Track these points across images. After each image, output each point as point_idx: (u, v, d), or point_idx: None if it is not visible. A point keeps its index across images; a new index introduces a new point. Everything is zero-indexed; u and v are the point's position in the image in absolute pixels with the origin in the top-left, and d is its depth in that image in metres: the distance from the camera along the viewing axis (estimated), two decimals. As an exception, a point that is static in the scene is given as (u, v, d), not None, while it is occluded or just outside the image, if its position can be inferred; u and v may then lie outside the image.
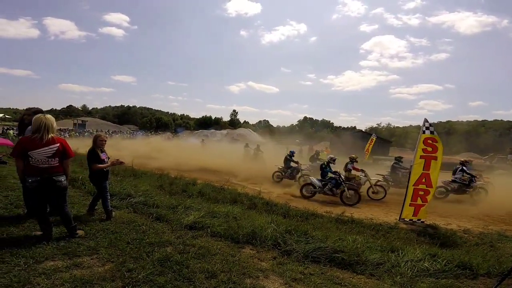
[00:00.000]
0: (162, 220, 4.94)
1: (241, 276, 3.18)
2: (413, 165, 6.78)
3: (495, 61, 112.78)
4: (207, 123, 76.37)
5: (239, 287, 2.94)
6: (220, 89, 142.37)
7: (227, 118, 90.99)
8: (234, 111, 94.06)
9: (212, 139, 39.90)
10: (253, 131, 61.22)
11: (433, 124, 6.88)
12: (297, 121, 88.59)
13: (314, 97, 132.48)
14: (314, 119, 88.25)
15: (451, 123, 65.15)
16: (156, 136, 43.68)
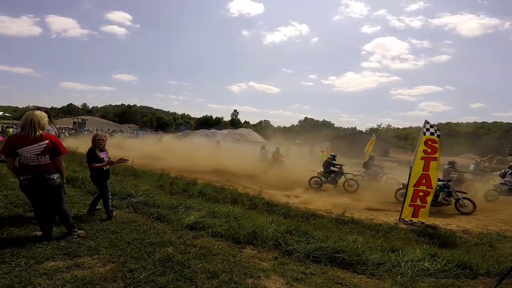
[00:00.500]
0: (162, 220, 4.94)
1: (243, 276, 3.19)
2: (413, 166, 6.80)
3: (496, 63, 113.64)
4: (208, 123, 76.38)
5: (240, 287, 2.95)
6: (221, 89, 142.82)
7: (228, 118, 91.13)
8: (235, 111, 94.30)
9: (213, 139, 39.84)
10: (254, 131, 61.26)
11: (433, 126, 6.89)
12: (298, 122, 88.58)
13: (315, 97, 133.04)
14: (314, 119, 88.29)
15: (451, 124, 65.24)
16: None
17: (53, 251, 3.32)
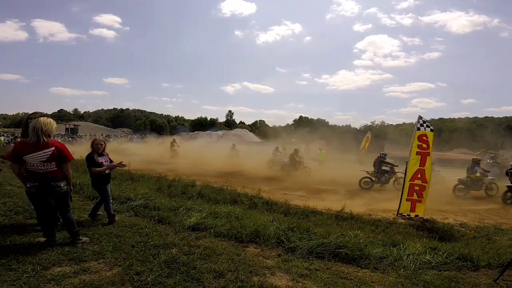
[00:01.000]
0: (164, 222, 4.95)
1: (248, 274, 3.22)
2: (408, 161, 6.91)
3: (486, 59, 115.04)
4: (202, 125, 75.90)
5: (247, 285, 2.97)
6: (215, 90, 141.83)
7: (222, 119, 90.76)
8: (230, 111, 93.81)
9: (209, 140, 39.64)
10: (249, 131, 61.23)
11: (426, 121, 7.01)
12: (293, 121, 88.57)
13: (310, 96, 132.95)
14: (309, 118, 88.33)
15: (443, 120, 66.10)
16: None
17: (58, 256, 3.31)
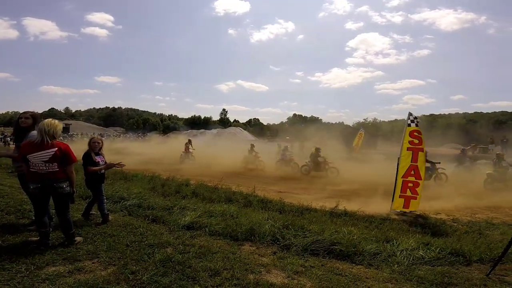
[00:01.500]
0: (158, 221, 4.93)
1: (244, 272, 3.23)
2: (400, 157, 6.97)
3: (474, 56, 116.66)
4: (196, 123, 75.57)
5: (243, 283, 2.98)
6: (209, 89, 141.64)
7: (217, 117, 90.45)
8: (224, 110, 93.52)
9: (203, 138, 39.44)
10: (243, 130, 61.14)
11: (417, 117, 7.07)
12: (287, 119, 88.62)
13: (303, 94, 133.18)
14: (303, 116, 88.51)
15: (434, 116, 66.94)
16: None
17: (52, 256, 3.28)
